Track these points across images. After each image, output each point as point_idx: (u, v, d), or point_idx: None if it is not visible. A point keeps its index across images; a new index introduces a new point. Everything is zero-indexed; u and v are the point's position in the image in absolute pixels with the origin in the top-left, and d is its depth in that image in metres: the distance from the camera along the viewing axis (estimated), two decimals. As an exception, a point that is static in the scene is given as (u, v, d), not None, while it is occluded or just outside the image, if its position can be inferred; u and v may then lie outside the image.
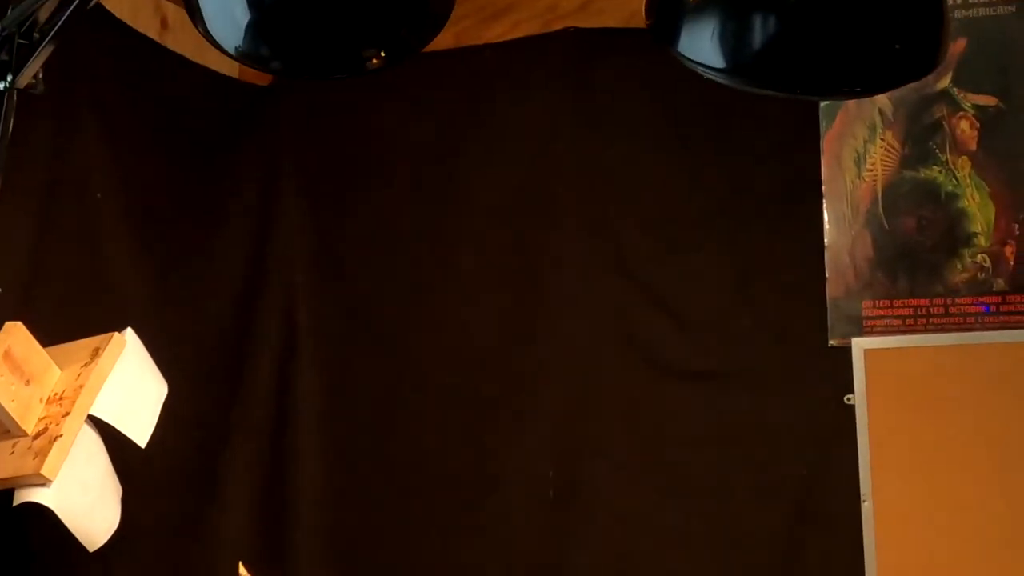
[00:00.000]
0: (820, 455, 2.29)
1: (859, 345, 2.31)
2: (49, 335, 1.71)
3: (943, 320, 2.30)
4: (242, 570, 1.84)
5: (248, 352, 2.34)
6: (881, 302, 2.32)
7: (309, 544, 2.32)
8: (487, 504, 2.37)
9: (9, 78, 1.27)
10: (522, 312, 2.43)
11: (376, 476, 2.38)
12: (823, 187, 2.34)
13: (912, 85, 2.33)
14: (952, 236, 2.30)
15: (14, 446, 1.60)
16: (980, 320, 2.27)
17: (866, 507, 2.30)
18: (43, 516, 1.56)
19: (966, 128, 2.31)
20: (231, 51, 1.11)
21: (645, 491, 2.34)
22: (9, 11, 1.25)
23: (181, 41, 2.25)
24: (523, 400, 2.40)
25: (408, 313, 2.45)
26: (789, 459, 2.30)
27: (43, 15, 1.25)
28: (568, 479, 2.36)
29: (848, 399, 2.30)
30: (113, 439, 1.65)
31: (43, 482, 1.54)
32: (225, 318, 2.30)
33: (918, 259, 2.31)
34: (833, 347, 2.31)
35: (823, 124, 2.36)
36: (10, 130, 1.41)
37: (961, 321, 2.28)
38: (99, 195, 2.03)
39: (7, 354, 1.57)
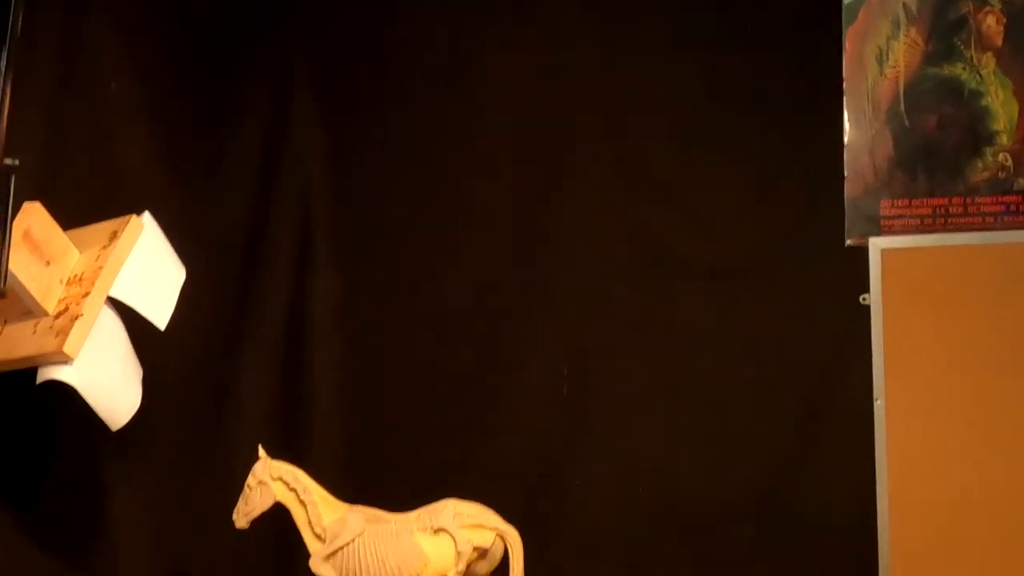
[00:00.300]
0: (834, 354, 2.30)
1: (876, 245, 2.30)
2: (65, 224, 1.72)
3: (962, 220, 2.27)
4: (261, 452, 1.87)
5: (263, 249, 2.35)
6: (899, 201, 2.30)
7: (326, 430, 2.36)
8: (501, 399, 2.39)
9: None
10: (538, 212, 2.42)
11: (391, 370, 2.41)
12: (844, 85, 2.29)
13: (939, -22, 2.30)
14: (974, 134, 2.27)
15: (36, 326, 1.62)
16: (1000, 220, 2.25)
17: (879, 406, 2.31)
18: (66, 396, 1.58)
19: (992, 23, 2.26)
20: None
21: (657, 389, 2.36)
22: None
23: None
24: (538, 299, 2.40)
25: (423, 214, 2.45)
26: (803, 358, 2.30)
27: None
28: (582, 376, 2.38)
29: (864, 299, 2.29)
30: (132, 319, 1.67)
31: (65, 360, 1.57)
32: (239, 216, 2.30)
33: (938, 158, 2.28)
34: (850, 247, 2.29)
35: (845, 21, 2.31)
36: (22, 8, 1.40)
37: (980, 221, 2.25)
38: (113, 86, 2.02)
39: (27, 234, 1.59)
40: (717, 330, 2.33)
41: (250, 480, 1.84)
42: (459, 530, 1.78)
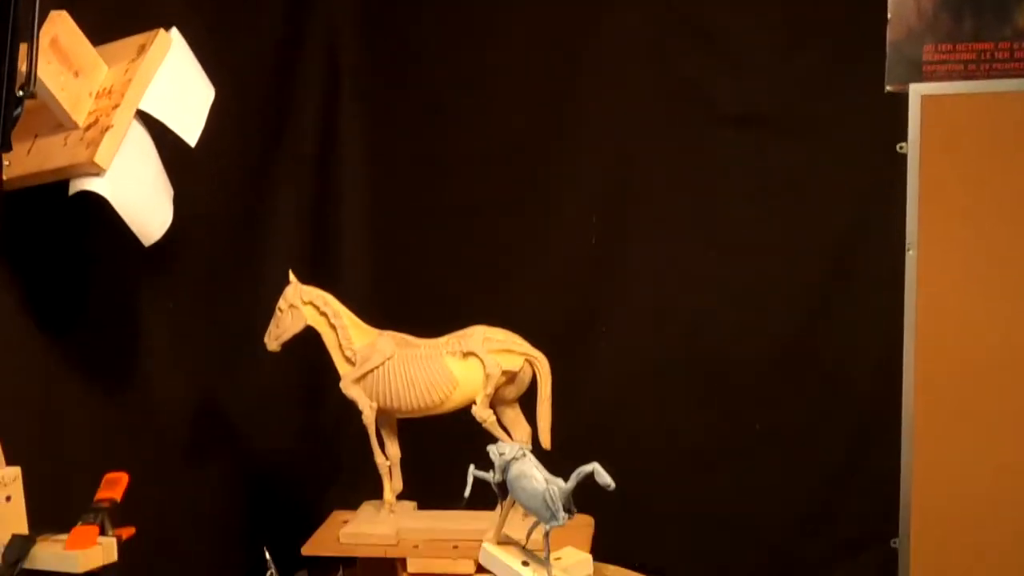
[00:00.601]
0: (869, 203, 2.28)
1: (916, 91, 2.24)
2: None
3: (1008, 65, 2.21)
4: (292, 277, 1.88)
5: (291, 79, 2.31)
6: (943, 46, 2.23)
7: (355, 263, 2.37)
8: (529, 247, 2.39)
9: None
10: (570, 56, 2.37)
11: (420, 208, 2.40)
12: (892, -80, 2.21)
13: None
14: (1026, -26, 2.19)
15: (66, 138, 1.61)
16: (1047, 66, 2.19)
17: (910, 256, 2.29)
18: (99, 210, 1.58)
19: None
20: None
21: (687, 239, 2.35)
22: None
23: None
24: (569, 147, 2.37)
25: (455, 49, 2.40)
26: (837, 207, 2.28)
27: None
28: (611, 226, 2.37)
29: (901, 147, 2.25)
30: (162, 135, 1.65)
31: (97, 171, 1.55)
32: (266, 44, 2.24)
33: (986, 0, 2.21)
34: (889, 93, 2.24)
35: None
36: None
37: (1026, 67, 2.19)
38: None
39: (54, 42, 1.56)
40: (750, 177, 2.31)
41: (281, 303, 1.85)
42: (488, 354, 1.79)
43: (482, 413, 1.79)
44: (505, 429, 1.84)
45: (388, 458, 1.90)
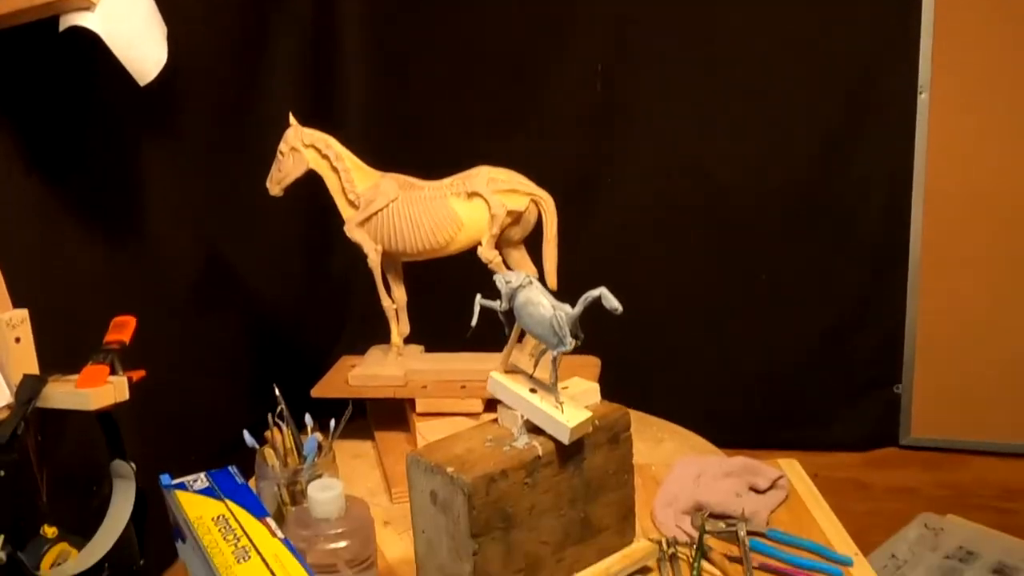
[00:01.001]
0: (881, 46, 2.22)
1: (935, -77, 2.17)
2: None
3: None
4: (292, 120, 1.84)
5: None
6: None
7: (357, 108, 2.33)
8: (534, 96, 2.34)
9: None
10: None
11: (422, 53, 2.34)
12: None
13: None
14: None
15: (52, -23, 1.55)
16: None
17: (922, 99, 2.25)
18: (91, 47, 1.53)
19: None
20: None
21: (695, 86, 2.30)
22: None
23: None
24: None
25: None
26: (848, 49, 2.23)
27: None
28: (617, 72, 2.32)
29: (916, -14, 2.19)
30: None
31: (87, 5, 1.51)
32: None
33: None
34: (906, -73, 2.17)
35: None
36: None
37: None
38: None
39: None
40: (759, 22, 2.25)
41: (282, 147, 1.82)
42: (493, 195, 1.76)
43: (488, 254, 1.78)
44: (511, 270, 1.83)
45: (394, 301, 1.90)
